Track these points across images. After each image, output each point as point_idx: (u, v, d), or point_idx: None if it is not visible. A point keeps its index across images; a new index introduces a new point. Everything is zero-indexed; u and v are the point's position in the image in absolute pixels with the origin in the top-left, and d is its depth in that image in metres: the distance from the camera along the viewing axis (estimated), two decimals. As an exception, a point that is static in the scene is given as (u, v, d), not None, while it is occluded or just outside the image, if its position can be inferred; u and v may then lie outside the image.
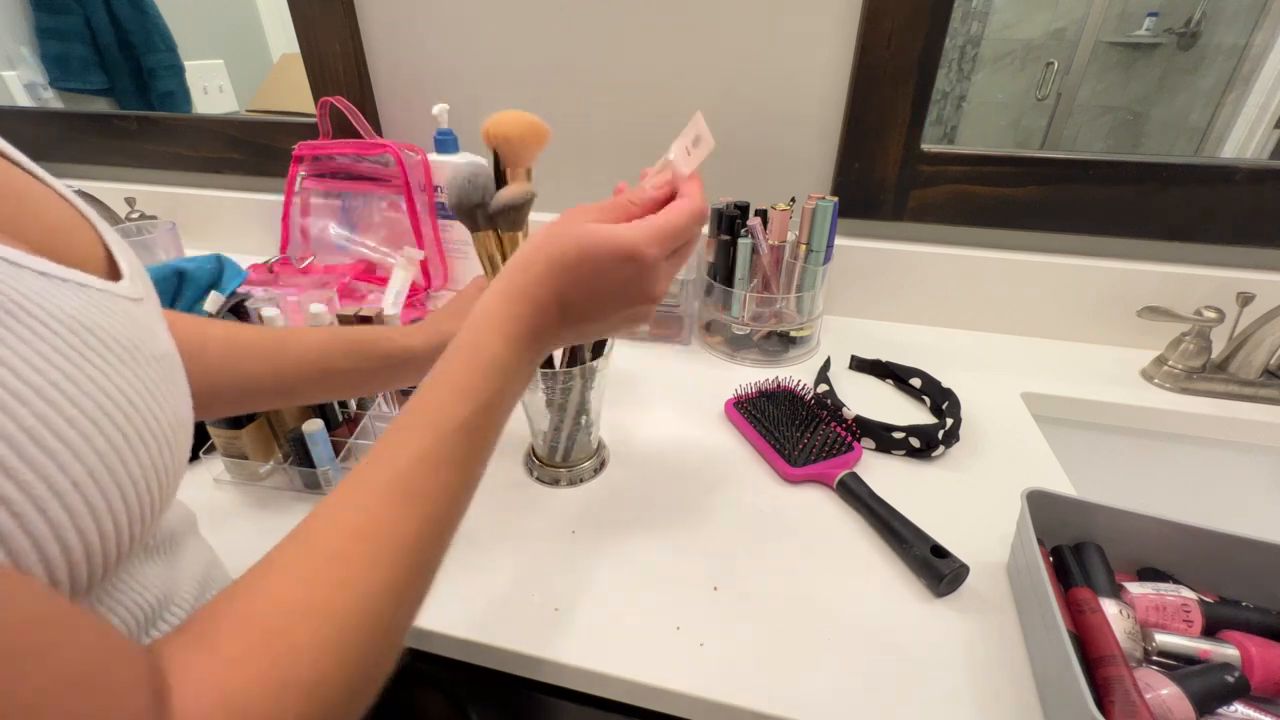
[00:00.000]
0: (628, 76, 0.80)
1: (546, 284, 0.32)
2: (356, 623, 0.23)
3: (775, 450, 0.57)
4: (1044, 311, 0.78)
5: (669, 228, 0.33)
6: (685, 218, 0.33)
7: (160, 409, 0.23)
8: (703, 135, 0.34)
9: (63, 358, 0.20)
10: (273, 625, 0.21)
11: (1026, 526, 0.43)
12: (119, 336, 0.22)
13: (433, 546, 0.27)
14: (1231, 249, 0.73)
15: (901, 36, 0.69)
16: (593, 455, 0.57)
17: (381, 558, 0.24)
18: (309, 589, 0.23)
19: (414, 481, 0.26)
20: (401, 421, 0.28)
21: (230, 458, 0.54)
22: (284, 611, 0.22)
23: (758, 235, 0.72)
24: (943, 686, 0.39)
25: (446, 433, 0.27)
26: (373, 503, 0.25)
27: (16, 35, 1.07)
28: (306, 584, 0.23)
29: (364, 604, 0.23)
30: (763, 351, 0.75)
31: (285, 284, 0.79)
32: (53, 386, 0.19)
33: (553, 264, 0.32)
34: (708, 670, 0.40)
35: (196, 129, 0.99)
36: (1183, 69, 1.06)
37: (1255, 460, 0.67)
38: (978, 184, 0.75)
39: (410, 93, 0.88)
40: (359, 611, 0.23)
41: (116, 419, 0.21)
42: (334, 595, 0.23)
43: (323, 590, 0.23)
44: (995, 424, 0.63)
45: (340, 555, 0.24)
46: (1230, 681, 0.35)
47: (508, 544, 0.49)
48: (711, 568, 0.47)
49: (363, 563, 0.24)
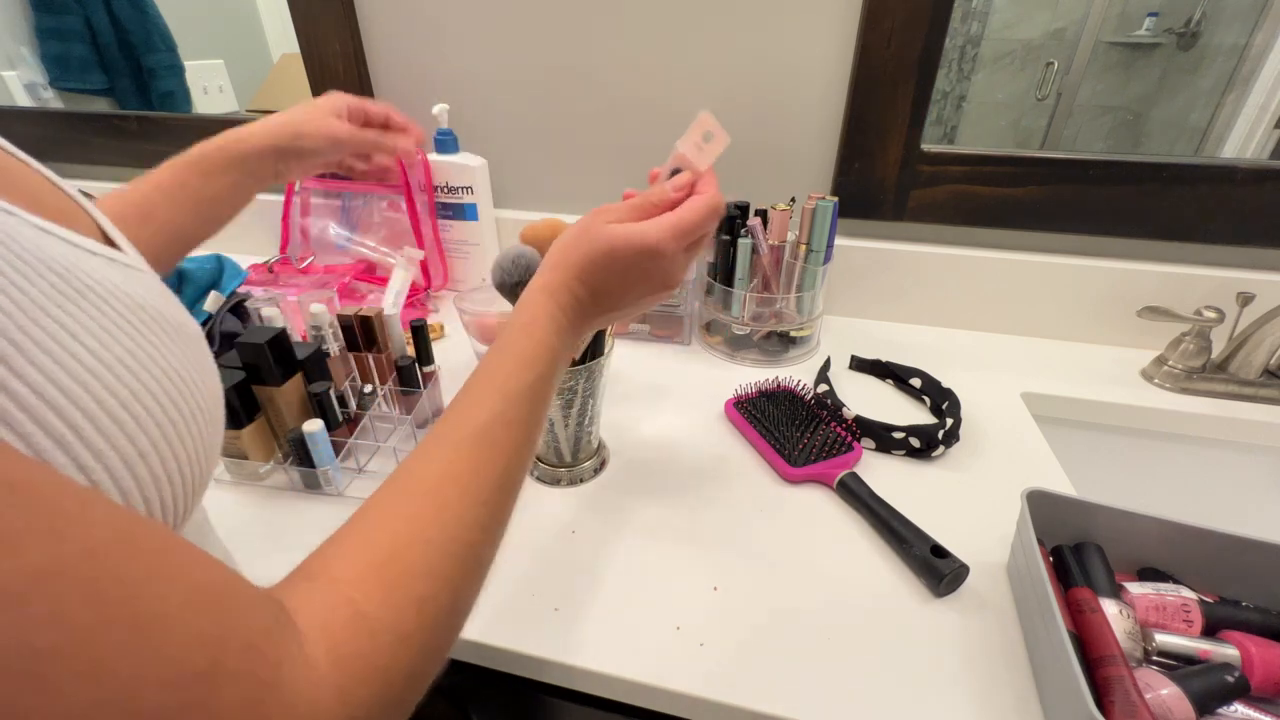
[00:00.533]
0: (628, 76, 0.80)
1: (582, 279, 0.36)
2: (454, 549, 0.26)
3: (775, 450, 0.57)
4: (1044, 311, 0.79)
5: (685, 223, 0.36)
6: (701, 213, 0.37)
7: (203, 383, 0.25)
8: (715, 131, 0.36)
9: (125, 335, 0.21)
10: (385, 553, 0.24)
11: (1026, 526, 0.43)
12: (166, 314, 0.24)
13: (508, 491, 0.31)
14: (1231, 249, 0.73)
15: (901, 36, 0.69)
16: (593, 455, 0.57)
17: (469, 497, 0.27)
18: (411, 523, 0.25)
19: (492, 434, 0.30)
20: (474, 386, 0.32)
21: (230, 458, 0.53)
22: (391, 542, 0.24)
23: (758, 235, 0.72)
24: (943, 686, 0.39)
25: (514, 396, 0.32)
26: (458, 452, 0.29)
27: (16, 35, 1.07)
28: (409, 520, 0.26)
29: (459, 534, 0.26)
30: (763, 351, 0.75)
31: (285, 284, 0.79)
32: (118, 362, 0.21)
33: (585, 262, 0.36)
34: (708, 670, 0.40)
35: (197, 129, 0.98)
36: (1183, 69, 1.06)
37: (1255, 460, 0.67)
38: (978, 184, 0.75)
39: (410, 93, 0.88)
40: (455, 540, 0.26)
41: (171, 393, 0.22)
42: (433, 526, 0.26)
43: (423, 523, 0.26)
44: (995, 424, 0.63)
45: (435, 494, 0.27)
46: (1230, 681, 0.35)
47: (508, 544, 0.49)
48: (711, 568, 0.47)
49: (455, 500, 0.27)
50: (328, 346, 0.59)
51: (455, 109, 0.84)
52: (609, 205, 0.38)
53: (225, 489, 0.55)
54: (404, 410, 0.60)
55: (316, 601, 0.21)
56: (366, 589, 0.22)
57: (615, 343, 0.54)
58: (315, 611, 0.21)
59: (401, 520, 0.25)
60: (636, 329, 0.80)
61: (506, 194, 0.92)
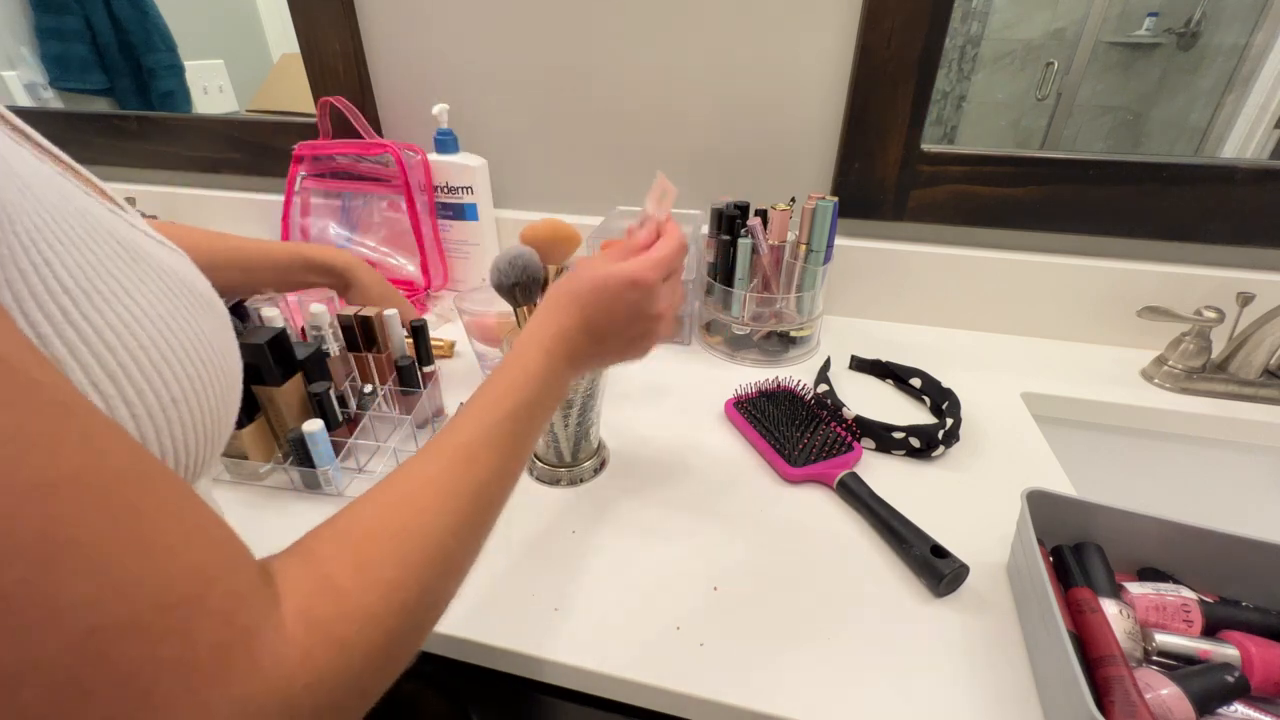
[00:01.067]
0: (628, 77, 0.80)
1: (570, 313, 0.40)
2: (425, 544, 0.27)
3: (775, 450, 0.57)
4: (1044, 311, 0.79)
5: (662, 257, 0.41)
6: (673, 247, 0.42)
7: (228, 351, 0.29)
8: (667, 189, 0.44)
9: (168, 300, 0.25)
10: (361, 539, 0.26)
11: (1026, 526, 0.43)
12: (201, 290, 0.28)
13: (484, 506, 0.32)
14: (1231, 249, 0.73)
15: (901, 36, 0.69)
16: (593, 455, 0.57)
17: (446, 504, 0.29)
18: (388, 516, 0.27)
19: (473, 450, 0.32)
20: (468, 406, 0.35)
21: (230, 457, 0.53)
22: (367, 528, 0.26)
23: (758, 235, 0.72)
24: (943, 686, 0.39)
25: (498, 419, 0.34)
26: (441, 462, 0.31)
27: (16, 35, 1.07)
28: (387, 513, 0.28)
29: (431, 535, 0.28)
30: (763, 351, 0.75)
31: (285, 284, 0.79)
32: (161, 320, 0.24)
33: (574, 298, 0.40)
34: (708, 670, 0.40)
35: (196, 129, 0.99)
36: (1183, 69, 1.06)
37: (1255, 460, 0.67)
38: (978, 184, 0.75)
39: (410, 93, 0.88)
40: (427, 537, 0.28)
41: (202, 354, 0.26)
42: (409, 523, 0.27)
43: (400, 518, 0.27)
44: (995, 424, 0.63)
45: (414, 495, 0.29)
46: (1230, 681, 0.35)
47: (508, 544, 0.49)
48: (711, 568, 0.47)
49: (431, 504, 0.29)
50: (328, 346, 0.59)
51: (455, 109, 0.84)
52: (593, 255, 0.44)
53: (225, 489, 0.55)
54: (404, 410, 0.60)
55: (295, 572, 0.23)
56: (341, 563, 0.24)
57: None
58: (292, 579, 0.22)
59: (380, 513, 0.28)
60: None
61: (506, 194, 0.92)
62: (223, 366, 0.28)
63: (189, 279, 0.28)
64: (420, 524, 0.28)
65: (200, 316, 0.27)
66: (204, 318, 0.27)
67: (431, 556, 0.27)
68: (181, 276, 0.27)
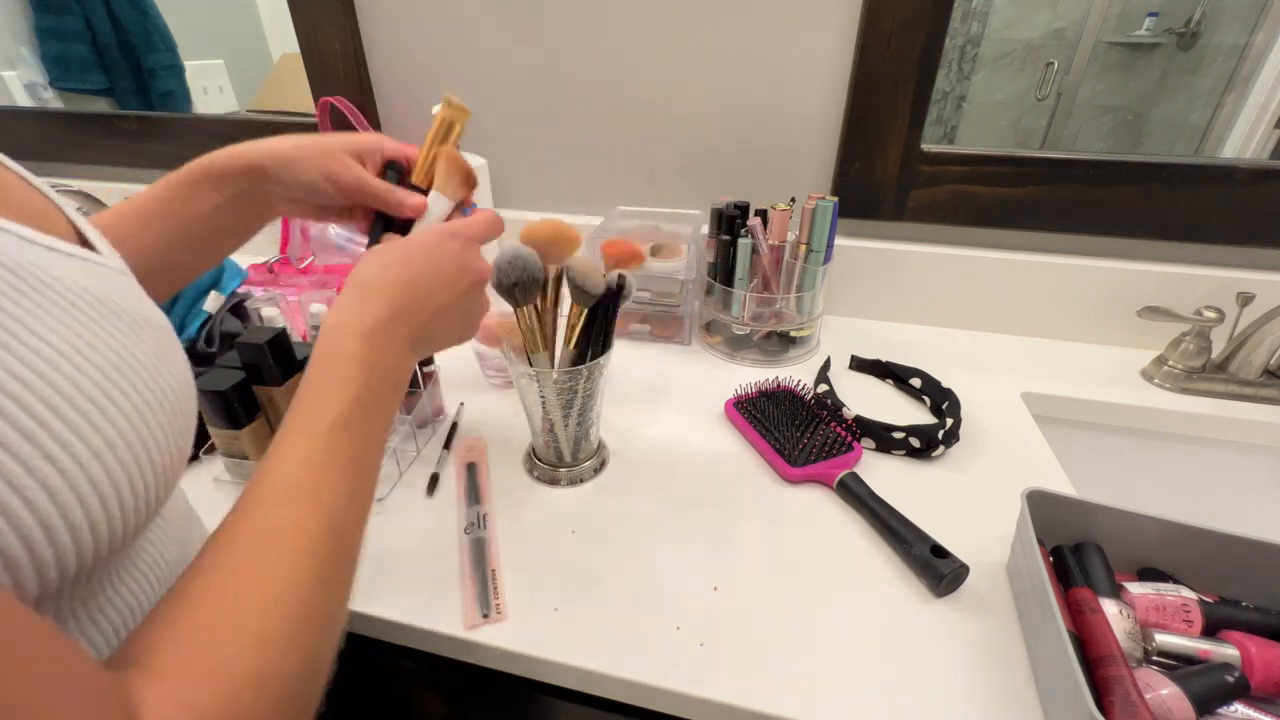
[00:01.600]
0: (628, 77, 0.80)
1: (385, 275, 0.35)
2: (283, 611, 0.23)
3: (775, 450, 0.57)
4: (1044, 311, 0.78)
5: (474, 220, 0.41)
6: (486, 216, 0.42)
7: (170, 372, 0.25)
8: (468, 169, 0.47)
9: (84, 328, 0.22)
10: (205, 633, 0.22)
11: (1026, 526, 0.43)
12: (125, 307, 0.24)
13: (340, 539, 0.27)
14: (1231, 249, 0.73)
15: (901, 36, 0.69)
16: (593, 455, 0.57)
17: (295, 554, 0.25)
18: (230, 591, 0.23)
19: (305, 482, 0.27)
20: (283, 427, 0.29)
21: (230, 458, 0.54)
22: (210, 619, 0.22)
23: (758, 235, 0.72)
24: (943, 686, 0.39)
25: (322, 432, 0.28)
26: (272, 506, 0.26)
27: (16, 35, 1.07)
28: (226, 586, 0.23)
29: (287, 595, 0.24)
30: (763, 351, 0.75)
31: (285, 284, 0.79)
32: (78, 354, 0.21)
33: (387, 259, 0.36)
34: (707, 670, 0.40)
35: (196, 129, 0.99)
36: (1183, 69, 1.06)
37: (1255, 460, 0.67)
38: (978, 184, 0.75)
39: (410, 93, 0.88)
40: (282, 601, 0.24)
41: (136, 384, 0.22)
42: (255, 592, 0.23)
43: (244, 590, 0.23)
44: (995, 424, 0.63)
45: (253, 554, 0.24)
46: (1230, 681, 0.35)
47: (507, 544, 0.49)
48: (711, 568, 0.47)
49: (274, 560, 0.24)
50: (328, 346, 0.59)
51: (455, 109, 0.84)
52: None
53: (225, 489, 0.55)
54: (403, 410, 0.60)
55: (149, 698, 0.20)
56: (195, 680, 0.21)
57: (615, 343, 0.53)
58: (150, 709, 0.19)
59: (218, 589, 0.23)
60: (636, 329, 0.80)
61: (506, 194, 0.92)
62: (165, 391, 0.24)
63: (110, 296, 0.24)
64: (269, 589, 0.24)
65: (131, 339, 0.23)
66: (136, 340, 0.24)
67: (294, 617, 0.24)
68: (101, 295, 0.23)
